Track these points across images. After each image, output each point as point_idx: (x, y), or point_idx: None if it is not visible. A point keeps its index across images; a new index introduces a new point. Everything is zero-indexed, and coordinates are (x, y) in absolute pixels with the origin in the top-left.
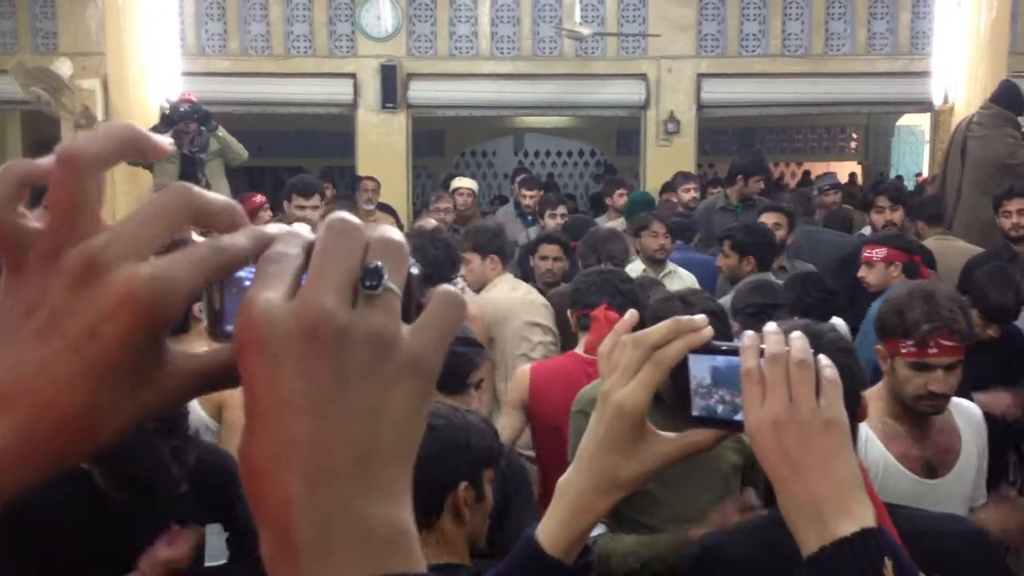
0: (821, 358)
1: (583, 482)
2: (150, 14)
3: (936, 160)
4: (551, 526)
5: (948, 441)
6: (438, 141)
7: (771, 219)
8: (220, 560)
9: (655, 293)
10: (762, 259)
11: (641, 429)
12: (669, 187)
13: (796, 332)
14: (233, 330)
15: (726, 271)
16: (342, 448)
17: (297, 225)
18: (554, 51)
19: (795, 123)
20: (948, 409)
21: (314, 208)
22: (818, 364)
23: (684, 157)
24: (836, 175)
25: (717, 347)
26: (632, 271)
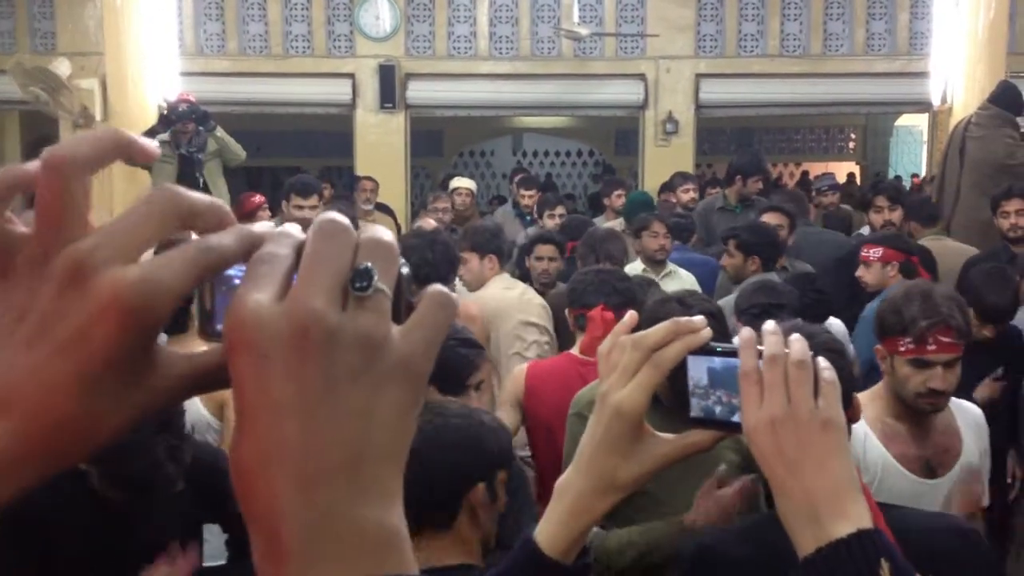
0: (820, 360)
1: (581, 483)
2: (148, 14)
3: (934, 160)
4: (549, 527)
5: (948, 442)
6: (436, 141)
7: (772, 220)
8: (220, 560)
9: (651, 295)
10: (767, 259)
11: (639, 430)
12: (668, 187)
13: (795, 334)
14: (223, 332)
15: (731, 271)
16: (332, 450)
17: (288, 225)
18: (552, 51)
19: (793, 123)
20: (949, 410)
21: (312, 208)
22: (817, 365)
23: (683, 157)
24: (834, 175)
25: (715, 348)
26: (631, 271)
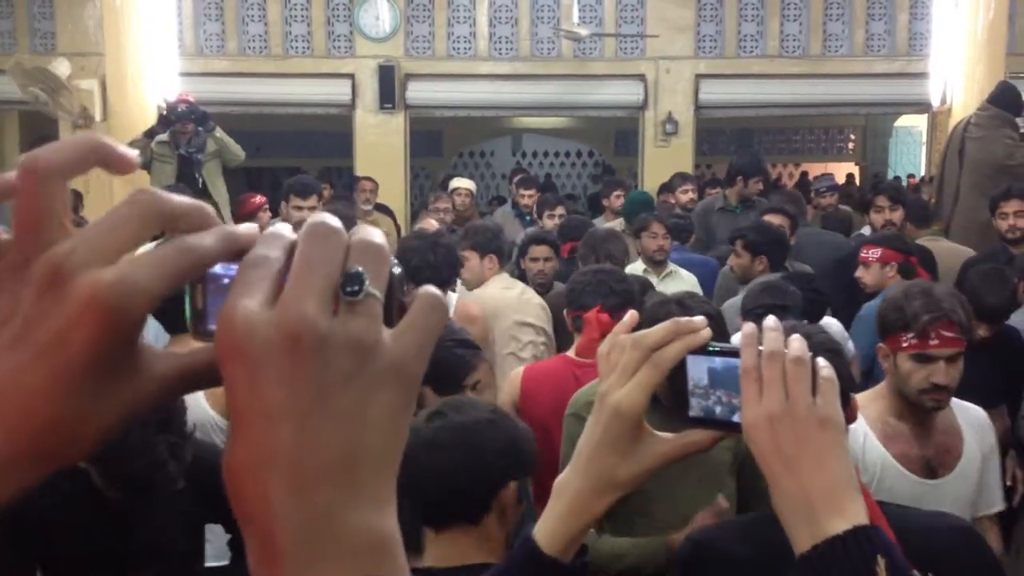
0: (819, 359)
1: (580, 482)
2: (148, 14)
3: (934, 161)
4: (549, 525)
5: (950, 442)
6: (436, 141)
7: (774, 220)
8: (223, 561)
9: (649, 296)
10: (774, 259)
11: (638, 430)
12: (667, 188)
13: (795, 333)
14: (214, 338)
15: (738, 271)
16: (325, 454)
17: (279, 225)
18: (552, 52)
19: (793, 124)
20: (951, 410)
21: (311, 209)
22: (815, 364)
23: (682, 157)
24: (833, 176)
25: (715, 349)
26: (632, 272)
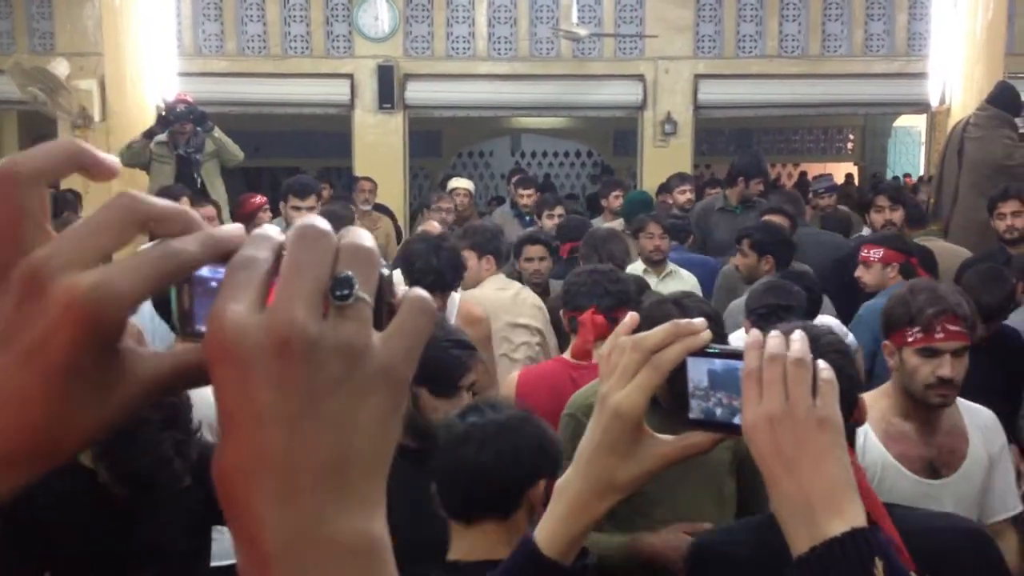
0: (820, 361)
1: (580, 483)
2: (147, 14)
3: (932, 161)
4: (549, 527)
5: (954, 443)
6: (435, 142)
7: (774, 221)
8: (229, 560)
9: (646, 296)
10: (780, 258)
11: (638, 432)
12: (665, 189)
13: (797, 333)
14: (203, 341)
15: (744, 271)
16: (314, 460)
17: (266, 226)
18: (551, 52)
19: (792, 124)
20: (958, 411)
21: (310, 209)
22: (816, 366)
23: (681, 158)
24: (832, 177)
25: (715, 350)
26: (633, 272)
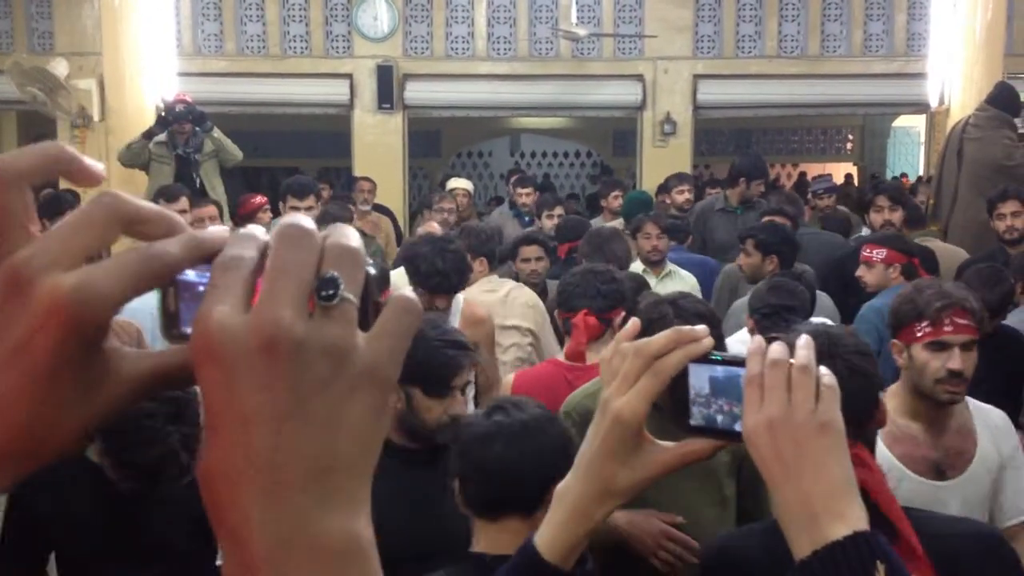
0: (821, 367)
1: (581, 489)
2: (146, 14)
3: (932, 162)
4: (549, 532)
5: (962, 444)
6: (434, 142)
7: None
8: None
9: (642, 297)
10: (785, 258)
11: (639, 437)
12: (663, 189)
13: (802, 340)
14: (189, 343)
15: (748, 270)
16: (300, 461)
17: (250, 226)
18: (550, 52)
19: (791, 124)
20: (968, 411)
21: (308, 209)
22: (818, 371)
23: (680, 158)
24: (831, 177)
25: (718, 357)
26: (633, 272)
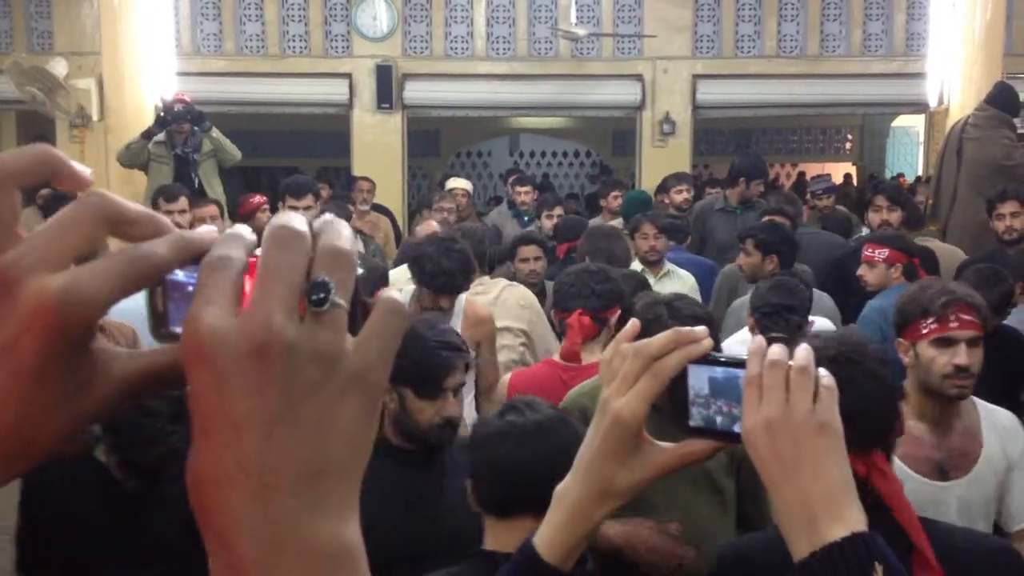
0: (820, 369)
1: (580, 490)
2: (146, 14)
3: (931, 162)
4: (548, 533)
5: (967, 445)
6: (434, 141)
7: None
8: None
9: (639, 297)
10: (784, 257)
11: (638, 438)
12: (662, 189)
13: (803, 345)
14: (179, 344)
15: (748, 270)
16: (291, 465)
17: (237, 226)
18: (550, 52)
19: (790, 124)
20: (976, 412)
21: (307, 209)
22: (817, 373)
23: (680, 158)
24: (830, 177)
25: (718, 358)
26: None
